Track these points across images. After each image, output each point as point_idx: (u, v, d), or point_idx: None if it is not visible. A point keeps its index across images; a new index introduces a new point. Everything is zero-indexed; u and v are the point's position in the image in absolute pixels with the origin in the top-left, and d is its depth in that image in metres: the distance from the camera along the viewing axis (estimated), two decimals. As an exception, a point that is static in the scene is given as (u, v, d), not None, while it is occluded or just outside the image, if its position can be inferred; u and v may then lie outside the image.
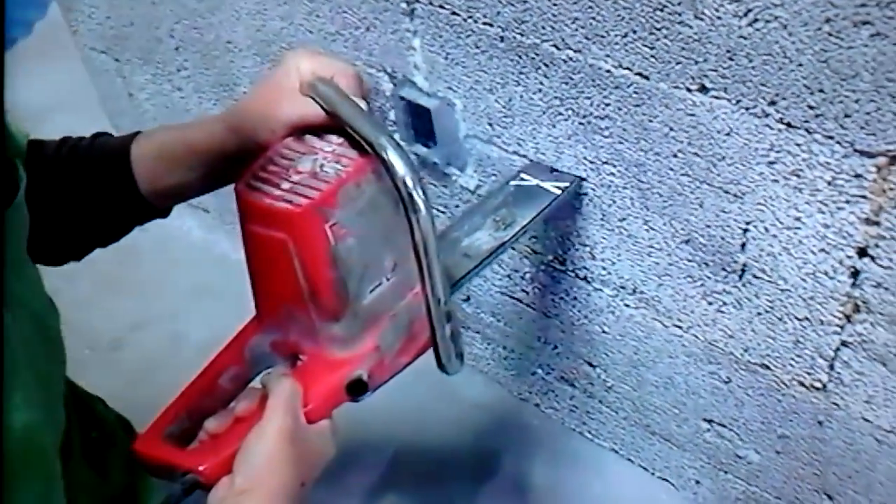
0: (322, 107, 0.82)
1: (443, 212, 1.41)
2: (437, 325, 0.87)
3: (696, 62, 0.93)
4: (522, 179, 1.17)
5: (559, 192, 1.14)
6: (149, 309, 1.91)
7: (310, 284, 0.81)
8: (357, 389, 0.86)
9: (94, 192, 0.90)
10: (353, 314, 0.84)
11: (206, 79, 1.69)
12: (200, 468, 0.79)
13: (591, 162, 1.12)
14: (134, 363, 1.79)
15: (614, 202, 1.14)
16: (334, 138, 0.83)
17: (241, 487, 0.76)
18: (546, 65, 1.08)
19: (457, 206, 1.38)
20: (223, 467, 0.78)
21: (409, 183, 0.77)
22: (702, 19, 0.90)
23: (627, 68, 1.00)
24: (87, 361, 1.70)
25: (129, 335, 1.86)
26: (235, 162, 0.85)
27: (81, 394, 0.95)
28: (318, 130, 0.84)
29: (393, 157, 0.77)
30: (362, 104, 0.84)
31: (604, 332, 1.32)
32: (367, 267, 0.84)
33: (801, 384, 1.11)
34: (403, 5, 1.17)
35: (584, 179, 1.14)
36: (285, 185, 0.79)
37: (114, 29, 1.79)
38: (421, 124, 1.26)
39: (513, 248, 1.33)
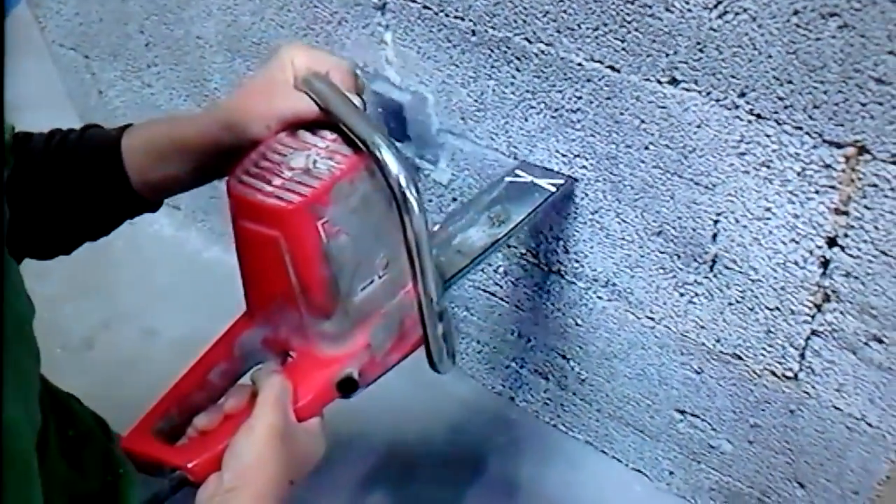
0: (316, 102, 0.81)
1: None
2: (429, 325, 0.86)
3: (667, 54, 0.94)
4: (517, 176, 1.17)
5: (554, 189, 1.14)
6: (120, 307, 1.90)
7: (301, 282, 0.80)
8: (347, 387, 0.85)
9: (84, 184, 0.89)
10: (344, 312, 0.84)
11: (177, 75, 1.68)
12: (189, 465, 0.78)
13: (564, 155, 1.13)
14: (106, 361, 1.77)
15: (587, 195, 1.14)
16: (328, 134, 0.82)
17: (230, 485, 0.75)
18: (518, 58, 1.08)
19: (430, 201, 1.38)
20: (212, 465, 0.77)
21: (403, 182, 0.77)
22: (672, 11, 0.90)
23: (598, 61, 1.01)
24: (59, 361, 1.69)
25: (100, 334, 1.85)
26: (228, 156, 0.84)
27: (56, 392, 0.95)
28: (313, 126, 0.83)
29: (386, 155, 0.77)
30: (356, 100, 0.83)
31: (577, 324, 1.33)
32: (359, 265, 0.83)
33: (773, 374, 1.13)
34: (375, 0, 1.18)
35: (576, 180, 1.14)
36: (277, 182, 0.78)
37: (83, 25, 1.78)
38: (393, 119, 1.26)
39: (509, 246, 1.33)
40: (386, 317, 0.87)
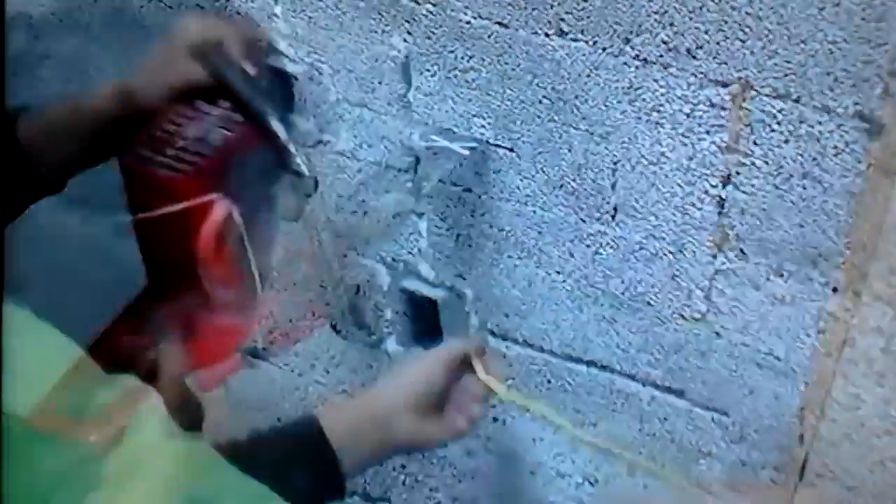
0: (208, 72, 0.80)
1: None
2: (331, 292, 0.85)
3: (552, 6, 0.95)
4: (432, 141, 1.16)
5: (467, 152, 1.13)
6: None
7: (200, 253, 0.79)
8: (252, 356, 0.84)
9: None
10: (248, 282, 0.83)
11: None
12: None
13: (461, 116, 1.13)
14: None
15: (486, 155, 1.14)
16: (225, 103, 0.81)
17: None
18: (408, 21, 1.08)
19: (337, 174, 1.37)
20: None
21: (291, 149, 0.76)
22: (552, -38, 0.91)
23: (486, 18, 1.01)
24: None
25: None
26: (128, 129, 0.83)
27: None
28: (210, 95, 0.82)
29: (273, 124, 0.76)
30: (250, 69, 0.82)
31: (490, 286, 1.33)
32: (261, 234, 0.82)
33: (682, 317, 1.14)
34: (260, -28, 1.16)
35: (488, 141, 1.13)
36: (170, 152, 0.77)
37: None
38: (290, 93, 1.25)
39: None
40: (294, 287, 0.86)
